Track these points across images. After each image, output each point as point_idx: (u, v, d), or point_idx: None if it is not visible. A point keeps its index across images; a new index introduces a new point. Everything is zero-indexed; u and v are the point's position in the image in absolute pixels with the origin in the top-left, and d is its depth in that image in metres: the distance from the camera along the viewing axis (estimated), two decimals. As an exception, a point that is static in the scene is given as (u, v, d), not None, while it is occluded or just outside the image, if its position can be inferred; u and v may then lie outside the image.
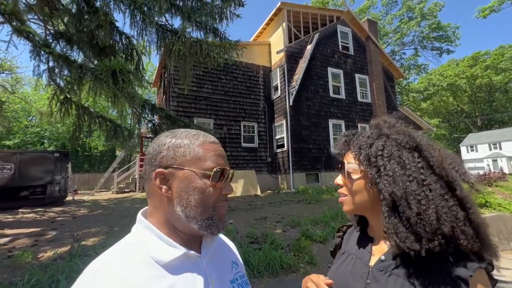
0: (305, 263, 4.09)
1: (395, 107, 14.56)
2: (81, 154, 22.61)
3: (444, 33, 28.60)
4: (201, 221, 0.57)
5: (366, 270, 0.69)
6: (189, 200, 0.57)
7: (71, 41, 4.96)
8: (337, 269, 0.77)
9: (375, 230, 0.73)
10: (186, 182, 0.57)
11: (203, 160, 0.59)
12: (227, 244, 0.76)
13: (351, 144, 0.73)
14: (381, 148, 0.66)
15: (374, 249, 0.72)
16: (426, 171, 0.61)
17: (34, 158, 8.77)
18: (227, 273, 0.65)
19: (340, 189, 0.75)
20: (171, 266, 0.54)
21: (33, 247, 4.00)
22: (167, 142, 0.60)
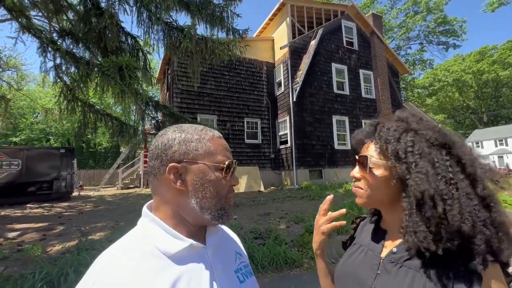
0: (308, 258, 4.12)
1: (399, 103, 14.42)
2: (86, 151, 22.86)
3: (451, 27, 28.09)
4: (214, 212, 0.61)
5: (376, 262, 0.69)
6: (204, 192, 0.59)
7: (77, 39, 5.00)
8: (348, 259, 0.77)
9: (389, 223, 0.73)
10: (200, 175, 0.60)
11: (215, 154, 0.62)
12: (230, 236, 0.78)
13: (375, 136, 0.70)
14: (410, 144, 0.63)
15: (387, 241, 0.72)
16: (454, 169, 0.60)
17: (40, 154, 8.90)
18: (231, 263, 0.67)
19: (357, 182, 0.72)
20: (177, 257, 0.56)
21: (41, 241, 4.08)
22: (176, 137, 0.61)
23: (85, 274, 0.52)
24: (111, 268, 0.50)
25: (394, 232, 0.70)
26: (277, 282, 3.50)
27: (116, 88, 3.33)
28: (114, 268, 0.50)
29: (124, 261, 0.52)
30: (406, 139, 0.64)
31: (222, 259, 0.65)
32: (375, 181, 0.67)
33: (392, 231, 0.71)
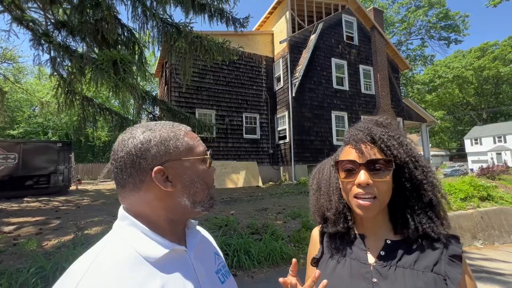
0: (305, 254, 4.13)
1: (399, 99, 14.37)
2: (84, 144, 22.80)
3: (453, 22, 27.83)
4: (207, 203, 0.62)
5: (367, 269, 0.65)
6: (195, 187, 0.59)
7: (72, 32, 4.90)
8: (332, 275, 0.70)
9: (369, 226, 0.70)
10: (188, 171, 0.59)
11: (195, 147, 0.61)
12: (206, 237, 0.76)
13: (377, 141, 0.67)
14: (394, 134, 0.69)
15: (368, 246, 0.69)
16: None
17: (37, 148, 8.85)
18: (212, 264, 0.67)
19: (370, 190, 0.63)
20: (160, 262, 0.54)
21: (37, 235, 4.08)
22: (151, 138, 0.57)
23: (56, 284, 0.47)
24: (89, 279, 0.46)
25: (375, 234, 0.69)
26: (273, 277, 3.52)
27: (110, 82, 3.27)
28: (92, 280, 0.46)
29: (104, 270, 0.48)
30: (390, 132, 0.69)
31: (204, 261, 0.64)
32: (387, 184, 0.64)
33: (373, 233, 0.69)
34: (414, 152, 0.68)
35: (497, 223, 6.20)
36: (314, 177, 0.84)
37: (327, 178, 0.79)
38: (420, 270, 0.60)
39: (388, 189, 0.64)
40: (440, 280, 0.58)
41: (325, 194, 0.77)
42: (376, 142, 0.66)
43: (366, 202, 0.63)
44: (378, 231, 0.69)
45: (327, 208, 0.76)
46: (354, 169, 0.65)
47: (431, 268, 0.60)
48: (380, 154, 0.65)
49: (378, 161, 0.64)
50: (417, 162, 0.67)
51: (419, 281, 0.59)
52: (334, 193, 0.75)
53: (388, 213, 0.70)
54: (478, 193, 7.14)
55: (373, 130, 0.68)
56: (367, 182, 0.62)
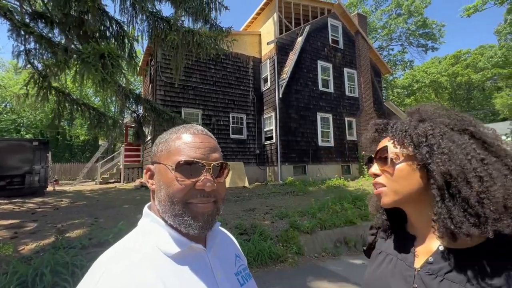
0: (293, 253, 4.20)
1: (381, 102, 14.91)
2: (61, 143, 21.70)
3: (430, 31, 29.29)
4: (172, 217, 0.56)
5: (411, 273, 0.60)
6: (160, 194, 0.58)
7: (52, 23, 4.65)
8: (376, 270, 0.69)
9: (418, 226, 0.64)
10: (159, 176, 0.59)
11: (175, 153, 0.58)
12: (229, 238, 0.78)
13: (389, 130, 0.66)
14: (430, 128, 0.60)
15: (418, 249, 0.63)
16: (483, 151, 0.55)
17: (11, 147, 8.33)
18: (231, 266, 0.67)
19: (377, 178, 0.65)
20: (178, 259, 0.55)
21: (12, 239, 3.84)
22: (158, 139, 0.64)
23: (85, 277, 0.50)
24: (113, 271, 0.49)
25: (425, 237, 0.62)
26: (262, 277, 3.54)
27: (98, 76, 3.14)
28: (116, 272, 0.49)
29: (127, 264, 0.50)
30: (424, 125, 0.61)
31: (223, 262, 0.65)
32: (398, 172, 0.61)
33: (422, 236, 0.63)
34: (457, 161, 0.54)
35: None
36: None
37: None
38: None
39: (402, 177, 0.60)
40: None
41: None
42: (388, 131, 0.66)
43: (376, 189, 0.65)
44: (431, 234, 0.60)
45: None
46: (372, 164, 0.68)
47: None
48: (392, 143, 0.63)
49: (380, 149, 0.65)
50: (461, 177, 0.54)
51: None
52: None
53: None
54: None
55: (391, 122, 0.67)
56: (372, 172, 0.66)
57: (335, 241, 4.83)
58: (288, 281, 3.47)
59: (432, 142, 0.58)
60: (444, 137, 0.58)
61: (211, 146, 0.61)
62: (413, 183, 0.60)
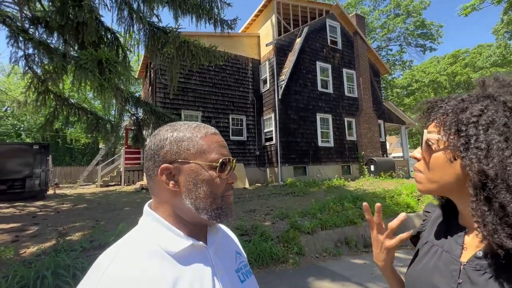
0: (294, 253, 4.20)
1: (380, 102, 14.93)
2: (61, 147, 21.72)
3: (428, 31, 29.38)
4: (211, 212, 0.60)
5: (456, 267, 0.56)
6: (198, 193, 0.59)
7: (51, 28, 4.68)
8: (419, 262, 0.64)
9: (468, 218, 0.57)
10: (193, 175, 0.59)
11: (208, 152, 0.60)
12: (229, 235, 0.78)
13: (435, 110, 0.59)
14: (477, 114, 0.50)
15: (467, 242, 0.58)
16: None
17: (11, 151, 8.36)
18: (232, 262, 0.67)
19: (416, 163, 0.62)
20: (180, 256, 0.56)
21: (14, 243, 3.85)
22: (168, 136, 0.61)
23: (86, 274, 0.51)
24: (115, 268, 0.49)
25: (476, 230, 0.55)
26: (264, 278, 3.54)
27: (95, 82, 3.16)
28: (117, 268, 0.49)
29: (128, 261, 0.51)
30: (474, 108, 0.52)
31: (223, 258, 0.65)
32: (432, 160, 0.56)
33: (473, 228, 0.55)
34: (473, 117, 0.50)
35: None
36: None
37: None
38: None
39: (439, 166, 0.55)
40: None
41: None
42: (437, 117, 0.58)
43: (415, 174, 0.63)
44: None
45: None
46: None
47: None
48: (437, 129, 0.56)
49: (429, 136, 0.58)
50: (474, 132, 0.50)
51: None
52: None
53: None
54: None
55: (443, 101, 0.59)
56: (412, 155, 0.63)
57: (336, 241, 4.83)
58: (289, 281, 3.47)
59: (471, 133, 0.50)
60: (489, 127, 0.48)
61: (226, 144, 0.67)
62: (450, 174, 0.54)
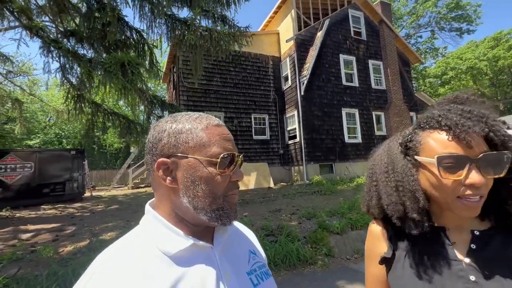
0: (322, 255, 4.00)
1: (411, 93, 13.96)
2: (97, 152, 23.32)
3: (464, 12, 26.95)
4: (210, 212, 0.53)
5: (461, 267, 0.56)
6: (196, 191, 0.53)
7: (81, 39, 4.98)
8: (415, 278, 0.60)
9: (449, 216, 0.61)
10: (191, 171, 0.53)
11: (208, 146, 0.54)
12: (243, 233, 0.71)
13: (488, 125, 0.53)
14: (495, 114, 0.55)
15: (452, 239, 0.60)
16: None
17: (52, 156, 9.07)
18: (243, 264, 0.60)
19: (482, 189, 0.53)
20: (180, 257, 0.51)
21: (54, 242, 4.11)
22: (167, 128, 0.55)
23: (80, 278, 0.49)
24: (107, 268, 0.47)
25: (458, 225, 0.60)
26: (291, 280, 3.40)
27: (118, 84, 3.27)
28: (110, 269, 0.47)
29: (121, 261, 0.48)
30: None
31: (232, 260, 0.58)
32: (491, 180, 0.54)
33: (455, 225, 0.60)
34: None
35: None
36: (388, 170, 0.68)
37: (402, 171, 0.63)
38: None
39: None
40: None
41: (407, 192, 0.61)
42: (489, 132, 0.52)
43: (474, 203, 0.53)
44: (462, 221, 0.60)
45: (411, 208, 0.61)
46: (461, 166, 0.52)
47: None
48: (487, 144, 0.53)
49: (494, 155, 0.52)
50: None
51: None
52: (418, 189, 0.60)
53: None
54: None
55: (484, 115, 0.54)
56: (482, 182, 0.52)
57: (368, 242, 4.53)
58: (319, 284, 3.29)
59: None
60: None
61: (232, 138, 0.59)
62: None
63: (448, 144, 0.54)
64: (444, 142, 0.54)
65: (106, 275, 0.46)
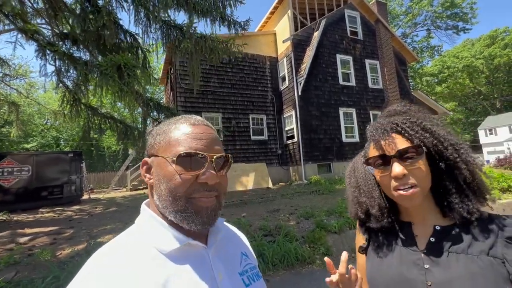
0: (320, 254, 4.02)
1: (408, 92, 14.03)
2: (95, 154, 23.24)
3: (459, 11, 27.11)
4: (173, 213, 0.53)
5: (418, 256, 0.65)
6: (160, 189, 0.54)
7: (77, 41, 4.97)
8: (381, 264, 0.71)
9: (414, 213, 0.69)
10: (158, 169, 0.55)
11: (174, 145, 0.54)
12: (236, 235, 0.72)
13: (406, 128, 0.65)
14: (415, 118, 0.67)
15: (417, 233, 0.68)
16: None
17: (50, 159, 9.03)
18: (236, 265, 0.62)
19: (410, 180, 0.62)
20: (174, 256, 0.52)
21: (51, 245, 4.10)
22: (154, 130, 0.60)
23: (78, 272, 0.50)
24: (100, 267, 0.48)
25: (423, 221, 0.68)
26: (289, 280, 3.41)
27: (115, 87, 3.27)
28: (103, 267, 0.48)
29: (114, 259, 0.49)
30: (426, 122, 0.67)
31: (225, 260, 0.60)
32: (424, 168, 0.63)
33: (420, 220, 0.68)
34: (441, 132, 0.66)
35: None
36: (351, 176, 0.84)
37: (363, 176, 0.78)
38: (474, 254, 0.58)
39: (426, 174, 0.63)
40: (498, 263, 0.56)
41: (365, 192, 0.76)
42: (400, 132, 0.65)
43: (407, 191, 0.62)
44: (426, 217, 0.68)
45: (370, 206, 0.74)
46: (386, 163, 0.65)
47: (487, 252, 0.58)
48: (407, 142, 0.64)
49: (408, 149, 0.63)
50: (446, 141, 0.65)
51: (474, 265, 0.57)
52: (374, 189, 0.74)
53: (433, 198, 0.69)
54: (498, 184, 6.85)
55: (394, 121, 0.67)
56: (403, 173, 0.62)
57: (366, 241, 4.55)
58: (318, 283, 3.30)
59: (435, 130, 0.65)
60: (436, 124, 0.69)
61: (213, 137, 0.57)
62: (429, 178, 0.64)
63: (374, 149, 0.68)
64: (372, 149, 0.69)
65: (99, 274, 0.46)
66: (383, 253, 0.71)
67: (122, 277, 0.46)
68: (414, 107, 0.73)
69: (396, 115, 0.70)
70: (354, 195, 0.79)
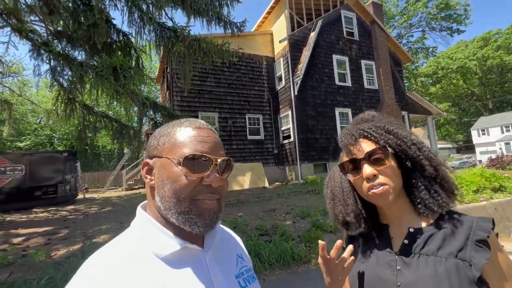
0: (316, 253, 4.05)
1: (403, 92, 14.17)
2: (89, 153, 22.99)
3: (454, 12, 27.45)
4: (176, 214, 0.53)
5: (392, 258, 0.68)
6: (163, 190, 0.54)
7: (72, 40, 4.91)
8: (360, 262, 0.75)
9: (390, 215, 0.72)
10: (162, 171, 0.55)
11: (180, 146, 0.55)
12: (232, 237, 0.73)
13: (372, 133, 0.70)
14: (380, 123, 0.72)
15: (393, 235, 0.71)
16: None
17: (43, 159, 8.91)
18: (232, 267, 0.62)
19: (379, 179, 0.66)
20: (170, 259, 0.52)
21: (46, 245, 4.06)
22: (156, 132, 0.60)
23: (73, 277, 0.50)
24: (96, 270, 0.48)
25: (399, 223, 0.71)
26: (286, 279, 3.44)
27: (111, 89, 3.24)
28: (98, 271, 0.48)
29: (110, 262, 0.49)
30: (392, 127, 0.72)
31: (221, 263, 0.60)
32: (393, 169, 0.67)
33: (397, 222, 0.71)
34: (403, 133, 0.71)
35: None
36: (328, 186, 0.88)
37: (339, 184, 0.81)
38: (443, 256, 0.61)
39: (394, 173, 0.67)
40: (465, 266, 0.58)
41: (341, 200, 0.79)
42: (367, 136, 0.70)
43: (379, 191, 0.66)
44: (402, 219, 0.70)
45: (346, 213, 0.77)
46: (358, 167, 0.69)
47: (455, 254, 0.60)
48: (374, 144, 0.68)
49: (375, 151, 0.67)
50: (409, 141, 0.69)
51: (441, 267, 0.59)
52: (349, 196, 0.78)
53: (408, 198, 0.71)
54: (490, 184, 6.95)
55: (361, 127, 0.72)
56: (373, 173, 0.66)
57: (361, 240, 4.60)
58: (313, 282, 3.33)
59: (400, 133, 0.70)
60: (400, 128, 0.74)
61: (217, 141, 0.59)
62: (399, 177, 0.68)
63: (348, 153, 0.72)
64: (346, 153, 0.73)
65: (95, 279, 0.46)
66: (363, 256, 0.74)
67: (118, 282, 0.46)
68: (379, 115, 0.78)
69: (363, 123, 0.74)
70: (330, 207, 0.84)
